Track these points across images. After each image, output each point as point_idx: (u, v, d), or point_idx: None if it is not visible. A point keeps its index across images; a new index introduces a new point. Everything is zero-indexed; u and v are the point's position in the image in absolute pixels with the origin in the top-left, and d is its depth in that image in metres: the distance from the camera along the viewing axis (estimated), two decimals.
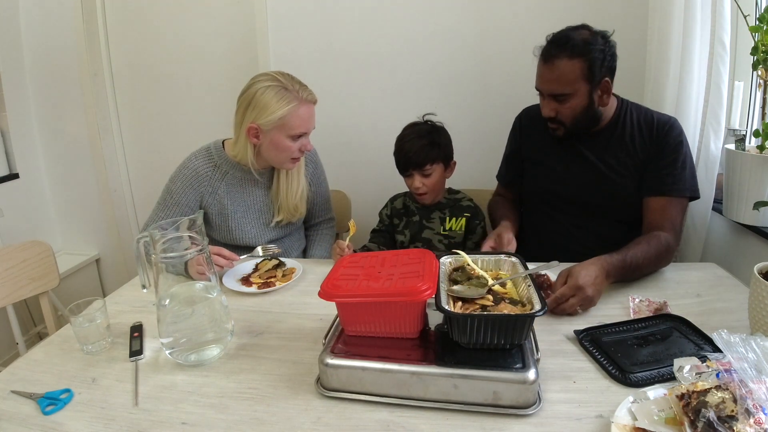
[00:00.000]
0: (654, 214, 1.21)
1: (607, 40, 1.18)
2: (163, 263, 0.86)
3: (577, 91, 1.18)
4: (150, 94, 2.22)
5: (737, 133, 1.48)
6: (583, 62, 1.15)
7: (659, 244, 1.13)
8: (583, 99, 1.19)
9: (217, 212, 1.37)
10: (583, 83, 1.17)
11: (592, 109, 1.22)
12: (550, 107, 1.23)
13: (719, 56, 1.34)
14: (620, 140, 1.26)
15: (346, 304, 0.80)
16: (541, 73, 1.22)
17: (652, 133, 1.23)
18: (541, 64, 1.21)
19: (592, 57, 1.15)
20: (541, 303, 0.74)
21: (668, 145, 1.21)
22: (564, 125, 1.25)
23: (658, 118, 1.25)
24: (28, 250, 1.40)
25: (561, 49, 1.16)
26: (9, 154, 2.14)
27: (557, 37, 1.19)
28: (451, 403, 0.73)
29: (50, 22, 2.09)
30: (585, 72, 1.16)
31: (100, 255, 2.43)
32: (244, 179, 1.38)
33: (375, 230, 1.56)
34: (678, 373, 0.68)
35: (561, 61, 1.16)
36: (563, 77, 1.17)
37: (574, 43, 1.15)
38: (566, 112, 1.22)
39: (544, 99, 1.24)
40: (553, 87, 1.20)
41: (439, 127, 1.42)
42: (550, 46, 1.19)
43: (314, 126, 1.31)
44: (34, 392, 0.81)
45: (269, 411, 0.76)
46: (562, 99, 1.20)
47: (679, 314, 0.94)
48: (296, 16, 1.92)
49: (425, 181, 1.38)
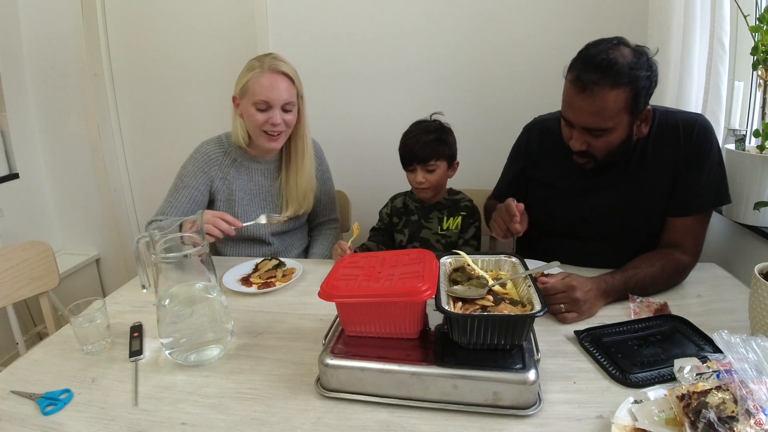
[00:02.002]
0: (675, 234, 1.09)
1: (650, 61, 0.99)
2: (163, 262, 0.85)
3: (617, 125, 0.99)
4: (150, 94, 2.22)
5: (737, 133, 1.48)
6: (629, 92, 0.95)
7: (672, 267, 1.05)
8: (623, 132, 1.01)
9: (225, 198, 1.41)
10: (625, 115, 0.98)
11: (630, 141, 1.04)
12: (581, 141, 1.04)
13: (719, 56, 1.34)
14: (649, 159, 1.10)
15: (346, 305, 0.80)
16: (575, 102, 1.00)
17: (680, 138, 1.07)
18: (574, 91, 0.99)
19: (639, 85, 0.95)
20: (541, 303, 0.74)
21: (698, 151, 1.06)
22: (595, 159, 1.07)
23: (682, 120, 1.09)
24: (28, 250, 1.40)
25: (603, 75, 0.94)
26: (9, 154, 2.14)
27: (598, 60, 0.96)
28: (451, 403, 0.73)
29: (50, 22, 2.09)
30: (629, 103, 0.96)
31: (100, 255, 2.43)
32: (251, 168, 1.43)
33: (375, 228, 1.56)
34: (678, 373, 0.68)
35: (603, 90, 0.95)
36: (605, 111, 0.96)
37: (618, 69, 0.94)
38: (600, 146, 1.03)
39: (575, 130, 1.05)
40: (591, 121, 0.99)
41: (446, 126, 1.42)
42: (588, 71, 0.96)
43: (284, 99, 1.30)
44: (33, 392, 0.81)
45: (269, 411, 0.76)
46: (598, 134, 1.01)
47: (679, 315, 0.94)
48: (296, 17, 1.92)
49: (428, 176, 1.38)
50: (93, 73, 2.13)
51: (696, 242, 1.10)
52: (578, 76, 0.98)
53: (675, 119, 1.10)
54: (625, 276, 1.02)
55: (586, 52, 1.01)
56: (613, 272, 1.04)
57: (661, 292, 1.06)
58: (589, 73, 0.96)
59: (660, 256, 1.07)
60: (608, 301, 1.01)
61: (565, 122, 1.08)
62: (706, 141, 1.07)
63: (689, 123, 1.08)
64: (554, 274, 1.03)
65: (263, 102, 1.29)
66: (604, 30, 1.66)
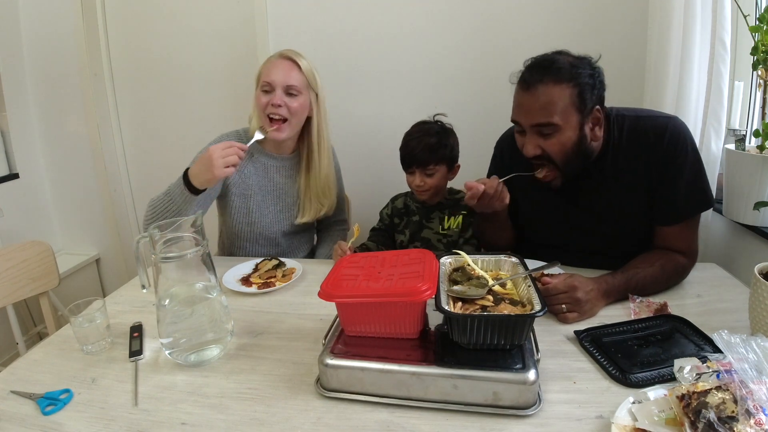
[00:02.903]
0: (666, 240, 1.10)
1: (593, 64, 1.04)
2: (163, 262, 0.85)
3: (566, 123, 1.01)
4: (150, 94, 2.22)
5: (737, 133, 1.48)
6: (572, 88, 0.99)
7: (672, 267, 1.06)
8: (574, 132, 1.02)
9: (240, 193, 1.41)
10: (573, 113, 1.00)
11: (584, 145, 1.04)
12: (533, 143, 1.04)
13: (719, 56, 1.34)
14: (618, 169, 1.10)
15: (346, 305, 0.80)
16: (521, 102, 1.04)
17: (650, 144, 1.07)
18: (521, 92, 1.04)
19: (582, 82, 0.99)
20: (541, 303, 0.74)
21: (672, 159, 1.05)
22: (555, 164, 1.06)
23: (652, 126, 1.08)
24: (28, 250, 1.40)
25: (545, 73, 1.00)
26: (9, 154, 2.14)
27: (538, 61, 1.04)
28: (451, 403, 0.73)
29: (50, 22, 2.09)
30: (575, 100, 1.00)
31: (100, 255, 2.43)
32: (268, 165, 1.44)
33: (375, 229, 1.56)
34: (678, 373, 0.68)
35: (546, 86, 0.99)
36: (551, 105, 0.99)
37: (560, 66, 0.99)
38: (553, 148, 1.03)
39: (526, 134, 1.06)
40: (537, 117, 1.01)
41: (448, 128, 1.42)
42: (531, 71, 1.02)
43: (285, 81, 1.30)
44: (33, 392, 0.81)
45: (269, 411, 0.76)
46: (548, 133, 1.02)
47: (679, 315, 0.94)
48: (296, 17, 1.92)
49: (427, 180, 1.38)
50: (93, 73, 2.13)
51: (689, 245, 1.10)
52: (523, 76, 1.04)
53: (645, 125, 1.09)
54: (626, 276, 1.03)
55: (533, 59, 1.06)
56: (613, 273, 1.04)
57: (662, 292, 1.06)
58: (532, 72, 1.02)
59: (659, 257, 1.07)
60: (609, 301, 1.02)
61: (517, 129, 1.10)
62: (680, 146, 1.06)
63: (660, 128, 1.07)
64: (555, 274, 1.03)
65: (267, 83, 1.30)
66: (604, 30, 1.69)
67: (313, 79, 1.36)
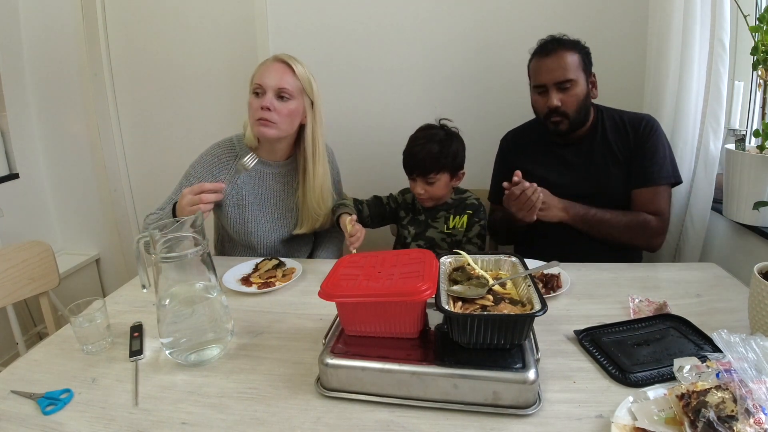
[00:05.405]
0: (642, 205, 1.32)
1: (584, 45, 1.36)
2: (163, 262, 0.85)
3: (578, 79, 1.30)
4: (150, 94, 2.22)
5: (737, 133, 1.48)
6: (579, 54, 1.31)
7: (635, 217, 1.29)
8: (583, 88, 1.31)
9: (234, 203, 1.38)
10: (582, 72, 1.31)
11: (588, 100, 1.34)
12: (557, 98, 1.31)
13: (719, 56, 1.34)
14: (602, 141, 1.37)
15: (346, 304, 0.80)
16: (545, 65, 1.32)
17: (628, 131, 1.34)
18: (543, 58, 1.33)
19: (584, 51, 1.33)
20: (542, 303, 0.74)
21: (646, 139, 1.32)
22: (567, 117, 1.32)
23: (630, 117, 1.37)
24: (28, 250, 1.40)
25: (559, 44, 1.32)
26: (9, 154, 2.14)
27: (552, 37, 1.35)
28: (451, 403, 0.73)
29: (50, 22, 2.09)
30: (581, 63, 1.31)
31: (100, 255, 2.43)
32: (263, 172, 1.40)
33: (377, 197, 1.54)
34: (678, 373, 0.69)
35: (563, 51, 1.30)
36: (568, 66, 1.29)
37: (567, 40, 1.33)
38: (571, 100, 1.31)
39: (548, 92, 1.32)
40: (560, 74, 1.29)
41: (453, 134, 1.40)
42: (548, 44, 1.33)
43: (276, 84, 1.26)
44: (34, 392, 0.81)
45: (269, 411, 0.76)
46: (567, 88, 1.30)
47: (679, 314, 0.94)
48: (296, 17, 1.92)
49: (428, 188, 1.37)
50: (93, 73, 2.13)
51: (659, 209, 1.30)
52: (542, 47, 1.34)
53: (622, 117, 1.37)
54: (588, 208, 1.28)
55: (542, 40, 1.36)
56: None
57: (624, 244, 1.31)
58: (549, 44, 1.33)
59: (631, 213, 1.31)
60: (566, 217, 1.26)
61: (539, 92, 1.35)
62: (654, 131, 1.32)
63: (637, 119, 1.35)
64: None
65: (258, 86, 1.27)
66: (604, 30, 1.69)
67: (309, 86, 1.32)
